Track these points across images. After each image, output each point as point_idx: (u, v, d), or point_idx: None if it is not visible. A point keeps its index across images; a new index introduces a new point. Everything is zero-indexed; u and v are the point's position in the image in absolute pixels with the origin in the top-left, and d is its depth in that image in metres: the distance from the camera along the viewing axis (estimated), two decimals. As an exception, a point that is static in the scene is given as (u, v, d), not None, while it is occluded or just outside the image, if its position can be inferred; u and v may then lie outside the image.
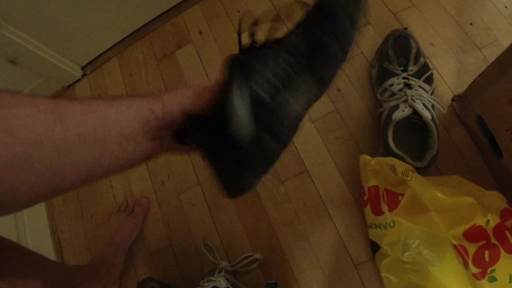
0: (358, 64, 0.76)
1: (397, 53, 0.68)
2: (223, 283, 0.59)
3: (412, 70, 0.66)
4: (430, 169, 0.62)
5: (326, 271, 0.64)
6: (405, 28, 0.73)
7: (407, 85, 0.64)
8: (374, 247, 0.57)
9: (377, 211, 0.54)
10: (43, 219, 0.89)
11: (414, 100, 0.61)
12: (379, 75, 0.69)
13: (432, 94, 0.66)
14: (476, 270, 0.43)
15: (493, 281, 0.44)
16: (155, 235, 0.76)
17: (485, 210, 0.46)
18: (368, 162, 0.54)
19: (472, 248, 0.45)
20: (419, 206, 0.47)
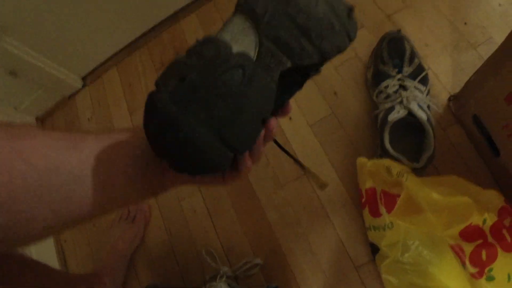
0: (354, 67, 0.76)
1: (392, 55, 0.69)
2: (225, 288, 0.60)
3: (407, 71, 0.67)
4: (428, 169, 0.62)
5: (327, 274, 0.64)
6: (399, 30, 0.73)
7: (402, 87, 0.65)
8: (374, 249, 0.57)
9: (375, 213, 0.54)
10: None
11: (409, 102, 0.62)
12: (374, 77, 0.69)
13: (428, 95, 0.66)
14: (474, 270, 0.44)
15: (491, 280, 0.44)
16: (157, 242, 0.76)
17: (482, 209, 0.46)
18: (364, 165, 0.55)
19: (469, 248, 0.45)
20: (415, 207, 0.47)
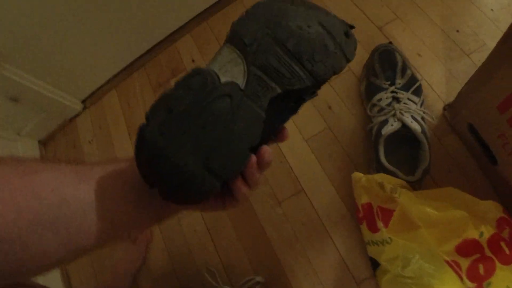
0: (347, 80, 0.77)
1: (384, 68, 0.69)
2: (226, 308, 0.60)
3: (400, 83, 0.67)
4: (426, 180, 0.62)
5: (329, 290, 0.64)
6: (390, 42, 0.74)
7: (396, 99, 0.65)
8: (374, 264, 0.57)
9: (373, 228, 0.54)
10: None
11: (403, 114, 0.62)
12: (367, 91, 0.70)
13: (422, 106, 0.66)
14: (472, 285, 0.43)
15: (491, 294, 0.43)
16: (158, 262, 0.76)
17: (479, 222, 0.46)
18: (359, 180, 0.55)
19: (465, 263, 0.44)
20: (410, 223, 0.46)
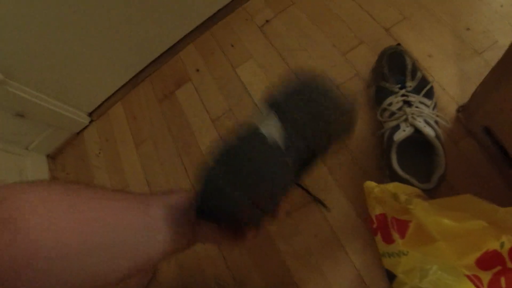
0: (355, 86, 0.75)
1: (393, 71, 0.67)
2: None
3: (411, 86, 0.65)
4: (442, 187, 0.59)
5: (345, 305, 0.61)
6: (398, 44, 0.72)
7: (407, 103, 0.63)
8: (390, 276, 0.54)
9: (388, 239, 0.52)
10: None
11: (415, 118, 0.59)
12: (377, 95, 0.68)
13: (435, 109, 0.64)
14: (496, 300, 0.40)
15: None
16: (168, 277, 0.75)
17: (499, 232, 0.43)
18: (372, 190, 0.52)
19: (486, 276, 0.42)
20: (427, 236, 0.44)
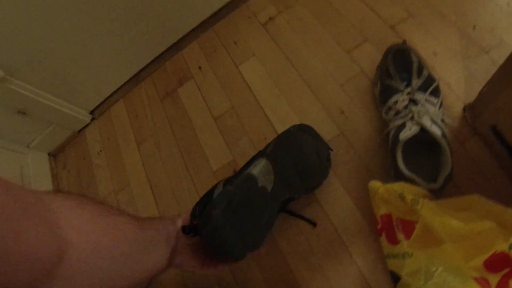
0: (360, 84, 0.73)
1: (398, 68, 0.66)
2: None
3: (417, 84, 0.64)
4: (448, 187, 0.58)
5: (348, 306, 0.60)
6: (404, 41, 0.70)
7: (413, 101, 0.61)
8: (394, 278, 0.53)
9: (393, 240, 0.51)
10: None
11: (421, 117, 0.58)
12: (382, 93, 0.67)
13: (441, 107, 0.62)
14: (504, 303, 0.39)
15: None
16: (170, 279, 0.74)
17: (507, 232, 0.42)
18: (377, 190, 0.51)
19: (495, 279, 0.40)
20: (434, 238, 0.43)
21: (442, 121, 0.59)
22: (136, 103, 0.97)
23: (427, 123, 0.57)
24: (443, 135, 0.57)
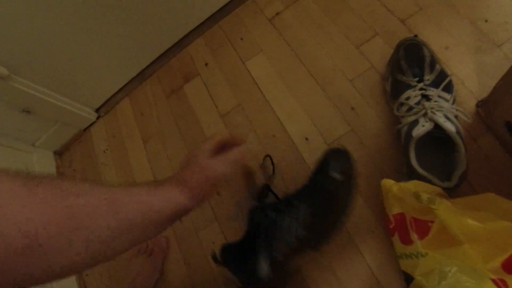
0: (370, 79, 0.72)
1: (410, 63, 0.64)
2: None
3: (429, 80, 0.62)
4: (462, 186, 0.57)
5: (360, 307, 0.59)
6: (416, 35, 0.69)
7: (425, 97, 0.60)
8: (408, 279, 0.52)
9: (406, 240, 0.50)
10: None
11: (434, 113, 0.57)
12: (394, 89, 0.65)
13: (454, 103, 0.61)
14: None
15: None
16: (176, 275, 0.74)
17: (524, 232, 0.41)
18: (390, 189, 0.50)
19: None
20: (450, 238, 0.42)
21: (456, 117, 0.58)
22: (142, 101, 0.96)
23: (441, 120, 0.56)
24: (458, 132, 0.55)
